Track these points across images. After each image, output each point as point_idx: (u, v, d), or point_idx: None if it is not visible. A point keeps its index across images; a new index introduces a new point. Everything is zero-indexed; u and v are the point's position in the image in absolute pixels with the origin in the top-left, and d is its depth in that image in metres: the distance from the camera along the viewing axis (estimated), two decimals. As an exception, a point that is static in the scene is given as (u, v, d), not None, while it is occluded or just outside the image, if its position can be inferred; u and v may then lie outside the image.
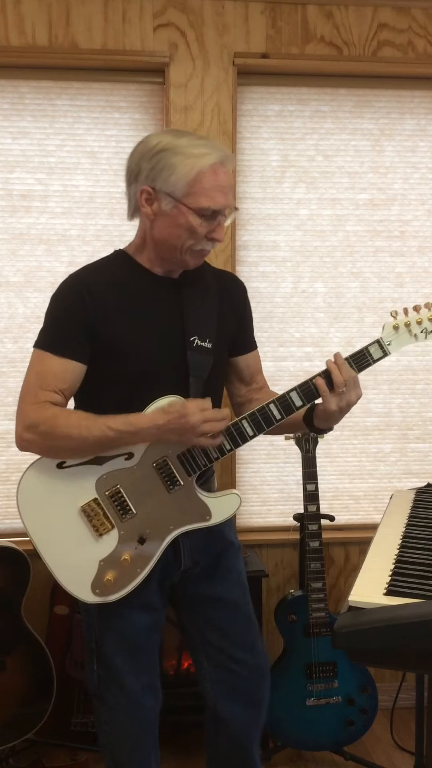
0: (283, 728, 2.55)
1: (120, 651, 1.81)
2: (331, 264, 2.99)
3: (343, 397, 1.75)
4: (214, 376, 1.87)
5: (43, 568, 1.79)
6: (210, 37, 2.78)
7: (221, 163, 1.71)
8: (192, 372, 1.80)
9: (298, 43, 2.83)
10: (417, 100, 2.97)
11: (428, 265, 3.04)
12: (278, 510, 3.01)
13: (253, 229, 2.95)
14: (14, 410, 2.82)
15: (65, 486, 1.75)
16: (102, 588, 1.74)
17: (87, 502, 1.75)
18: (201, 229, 1.72)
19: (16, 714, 2.52)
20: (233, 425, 1.76)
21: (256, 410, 1.76)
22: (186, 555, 1.84)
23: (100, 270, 1.82)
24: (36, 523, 1.76)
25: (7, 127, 2.80)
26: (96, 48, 2.74)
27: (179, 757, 2.66)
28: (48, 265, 2.85)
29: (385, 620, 1.23)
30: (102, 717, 1.87)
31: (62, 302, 1.77)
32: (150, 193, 1.73)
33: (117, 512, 1.75)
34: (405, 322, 1.75)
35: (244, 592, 1.97)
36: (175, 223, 1.72)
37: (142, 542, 1.75)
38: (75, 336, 1.74)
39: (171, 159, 1.69)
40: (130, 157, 1.78)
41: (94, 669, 1.85)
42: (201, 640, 1.93)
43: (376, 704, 2.60)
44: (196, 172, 1.68)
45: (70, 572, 1.76)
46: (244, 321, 1.98)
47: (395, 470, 3.07)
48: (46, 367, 1.75)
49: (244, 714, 1.93)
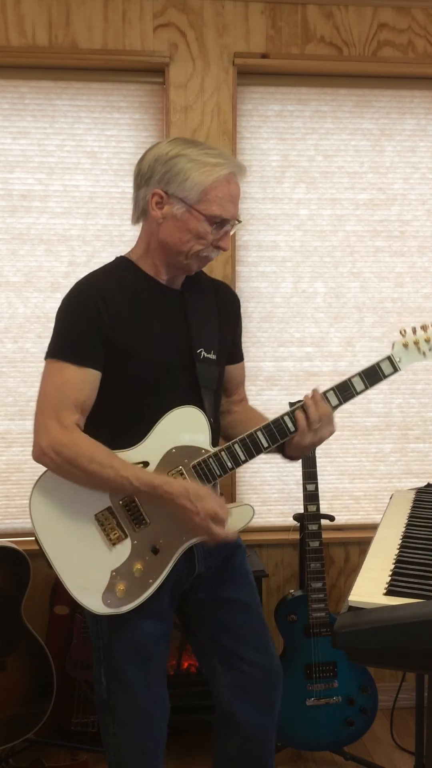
0: (283, 728, 2.55)
1: (131, 662, 1.78)
2: (331, 264, 2.99)
3: (317, 433, 1.79)
4: (218, 387, 1.89)
5: (43, 568, 1.78)
6: (210, 37, 2.79)
7: (235, 175, 1.75)
8: (203, 384, 1.81)
9: (298, 43, 2.83)
10: (417, 100, 2.98)
11: (428, 265, 3.04)
12: (278, 510, 3.01)
13: (253, 229, 2.95)
14: (14, 410, 2.86)
15: (79, 494, 1.72)
16: (113, 599, 1.72)
17: (101, 511, 1.74)
18: (209, 236, 1.74)
19: (16, 714, 2.52)
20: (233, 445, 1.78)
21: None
22: (200, 560, 1.83)
23: (108, 276, 1.81)
24: (48, 531, 1.74)
25: (7, 127, 2.80)
26: (96, 48, 2.74)
27: (180, 757, 2.66)
28: (48, 265, 2.85)
29: (385, 620, 1.23)
30: (110, 728, 1.84)
31: (76, 308, 1.75)
32: (162, 197, 1.74)
33: (131, 521, 1.74)
34: (414, 340, 1.82)
35: (254, 593, 1.97)
36: (185, 228, 1.73)
37: (155, 552, 1.74)
38: (92, 343, 1.72)
39: (186, 164, 1.71)
40: (142, 160, 1.79)
41: (102, 680, 1.82)
42: (213, 644, 1.91)
43: (376, 704, 2.60)
44: (212, 180, 1.71)
45: (81, 582, 1.74)
46: (237, 333, 2.00)
47: (395, 470, 3.07)
48: (64, 379, 1.71)
49: (259, 716, 1.91)
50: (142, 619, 1.77)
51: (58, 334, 1.76)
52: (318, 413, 1.76)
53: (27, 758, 2.62)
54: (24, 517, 2.86)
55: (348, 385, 1.80)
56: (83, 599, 1.74)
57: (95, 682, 1.85)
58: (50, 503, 1.74)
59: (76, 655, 2.65)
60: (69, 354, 1.72)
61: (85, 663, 2.62)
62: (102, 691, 1.83)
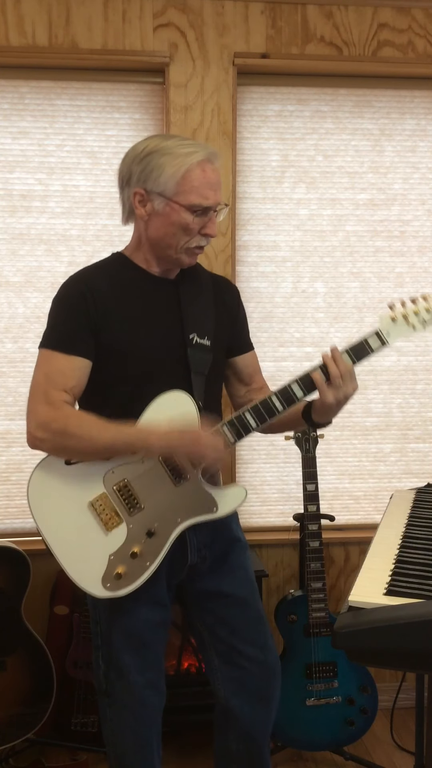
0: (283, 728, 2.55)
1: (127, 648, 1.82)
2: (331, 264, 2.99)
3: (340, 390, 1.75)
4: (214, 374, 1.90)
5: (44, 568, 1.79)
6: (210, 37, 2.78)
7: (208, 161, 1.76)
8: (193, 368, 1.83)
9: (298, 43, 2.83)
10: (417, 100, 2.97)
11: (428, 265, 3.04)
12: (278, 510, 3.01)
13: (253, 229, 2.95)
14: (14, 410, 2.86)
15: (74, 482, 1.77)
16: (112, 582, 1.75)
17: (96, 497, 1.77)
18: (193, 225, 1.76)
19: (16, 714, 2.52)
20: (236, 418, 1.77)
21: (258, 402, 1.77)
22: (193, 550, 1.86)
23: (99, 271, 1.86)
24: (47, 519, 1.78)
25: (7, 127, 2.80)
26: (96, 48, 2.74)
27: (180, 757, 2.66)
28: (48, 265, 2.85)
29: (385, 620, 1.23)
30: (107, 713, 1.88)
31: (65, 301, 1.80)
32: (142, 195, 1.77)
33: (125, 506, 1.76)
34: (402, 313, 1.78)
35: (253, 589, 1.98)
36: (169, 222, 1.76)
37: (150, 536, 1.76)
38: (80, 333, 1.76)
39: (159, 160, 1.74)
40: (121, 163, 1.83)
41: (100, 665, 1.86)
42: (211, 637, 1.94)
43: (376, 704, 2.60)
44: (185, 170, 1.73)
45: (80, 567, 1.77)
46: (239, 321, 2.01)
47: (395, 470, 3.07)
48: (53, 366, 1.76)
49: (255, 711, 1.93)
50: (139, 606, 1.80)
51: (49, 325, 1.82)
52: (339, 369, 1.75)
53: (27, 758, 2.62)
54: (24, 517, 2.86)
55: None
56: (83, 583, 1.76)
57: (94, 668, 1.89)
58: (46, 491, 1.78)
59: (76, 655, 2.65)
60: (57, 343, 1.77)
61: (85, 663, 2.62)
62: (100, 676, 1.86)
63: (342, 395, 1.76)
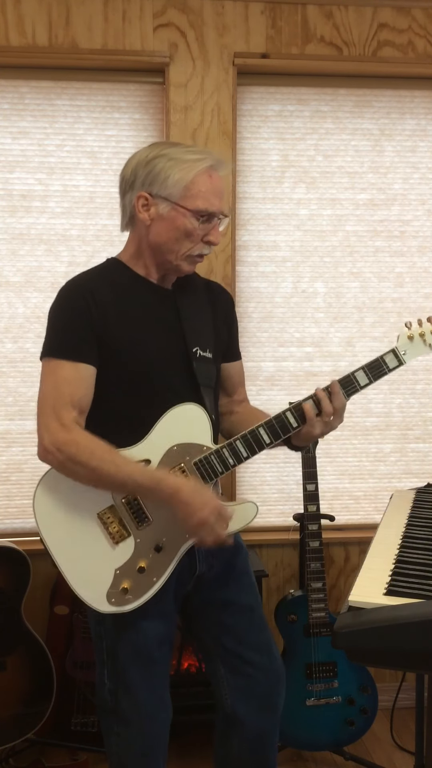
0: (283, 728, 2.53)
1: (134, 664, 1.78)
2: (331, 264, 2.99)
3: (329, 425, 1.79)
4: (216, 385, 1.89)
5: (44, 568, 1.79)
6: (210, 37, 2.78)
7: (215, 168, 1.76)
8: (201, 382, 1.81)
9: (298, 43, 2.83)
10: (417, 100, 2.97)
11: (428, 265, 3.04)
12: (278, 510, 3.01)
13: (253, 229, 2.95)
14: (14, 410, 2.86)
15: (82, 493, 1.72)
16: (117, 597, 1.72)
17: (104, 509, 1.74)
18: (197, 231, 1.75)
19: (16, 714, 2.52)
20: (228, 447, 1.76)
21: (247, 432, 1.76)
22: (201, 560, 1.83)
23: (99, 276, 1.82)
24: (52, 531, 1.74)
25: (7, 127, 2.80)
26: (96, 48, 2.74)
27: (180, 757, 2.66)
28: (48, 265, 2.85)
29: (385, 620, 1.24)
30: (113, 729, 1.83)
31: (67, 306, 1.76)
32: (147, 199, 1.75)
33: (133, 519, 1.74)
34: (420, 332, 1.79)
35: (256, 595, 1.97)
36: (173, 226, 1.74)
37: (158, 550, 1.74)
38: (84, 338, 1.72)
39: (167, 164, 1.73)
40: (124, 168, 1.81)
41: (105, 682, 1.81)
42: (216, 647, 1.91)
43: (376, 704, 2.60)
44: (193, 175, 1.72)
45: (85, 581, 1.73)
46: (232, 330, 2.00)
47: (395, 470, 3.07)
48: (60, 377, 1.72)
49: (262, 718, 1.91)
50: (146, 621, 1.76)
51: (51, 333, 1.77)
52: (333, 405, 1.76)
53: (27, 758, 2.62)
54: (24, 517, 2.86)
55: (351, 379, 1.80)
56: (88, 598, 1.73)
57: (98, 684, 1.84)
58: (53, 501, 1.74)
59: (76, 655, 2.65)
60: (62, 351, 1.73)
61: (85, 663, 2.62)
62: (105, 693, 1.82)
63: (328, 429, 1.80)
